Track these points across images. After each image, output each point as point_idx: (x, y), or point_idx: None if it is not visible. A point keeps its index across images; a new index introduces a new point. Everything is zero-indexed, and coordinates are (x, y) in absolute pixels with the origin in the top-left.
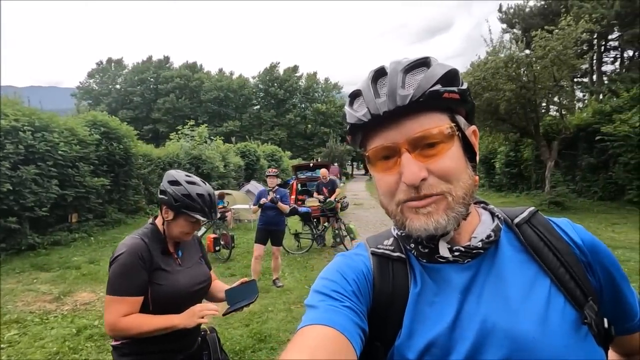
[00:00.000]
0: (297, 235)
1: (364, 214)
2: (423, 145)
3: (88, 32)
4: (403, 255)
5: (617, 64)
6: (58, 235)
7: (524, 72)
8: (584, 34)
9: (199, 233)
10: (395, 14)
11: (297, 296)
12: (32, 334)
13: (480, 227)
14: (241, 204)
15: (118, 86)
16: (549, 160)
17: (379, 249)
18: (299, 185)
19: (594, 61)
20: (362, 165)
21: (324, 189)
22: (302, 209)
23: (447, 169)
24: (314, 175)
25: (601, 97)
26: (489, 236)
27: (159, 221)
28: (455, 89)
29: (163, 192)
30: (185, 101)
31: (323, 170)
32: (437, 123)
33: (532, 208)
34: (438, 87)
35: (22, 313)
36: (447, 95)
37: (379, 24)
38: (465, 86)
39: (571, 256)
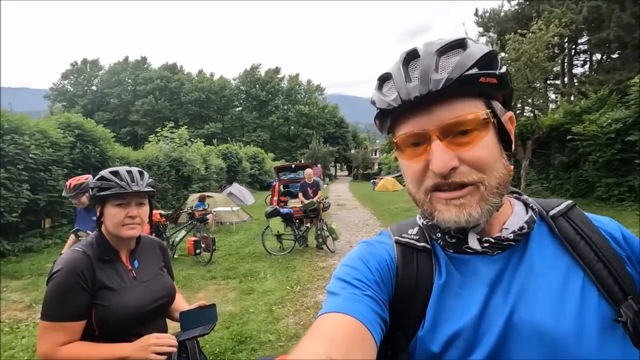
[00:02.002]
0: (279, 237)
1: (347, 214)
2: (455, 133)
3: (61, 31)
4: (428, 246)
5: (587, 66)
6: (30, 241)
7: None
8: (554, 37)
9: (179, 236)
10: (375, 16)
11: (278, 297)
12: (2, 343)
13: (512, 218)
14: (223, 206)
15: (94, 87)
16: (524, 159)
17: (403, 238)
18: (282, 186)
19: (565, 64)
20: (345, 167)
21: (309, 189)
22: (284, 210)
23: (481, 158)
24: (296, 176)
25: (572, 98)
26: (521, 228)
27: (104, 228)
28: (493, 72)
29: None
30: (164, 103)
31: (308, 171)
32: (471, 109)
33: (569, 201)
34: (475, 70)
35: None
36: (484, 80)
37: (360, 26)
38: (504, 70)
39: (610, 251)
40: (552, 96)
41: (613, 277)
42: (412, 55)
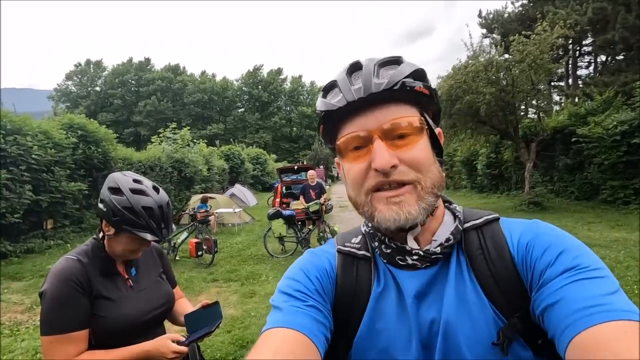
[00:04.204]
0: (281, 239)
1: (349, 216)
2: (394, 136)
3: (65, 32)
4: (368, 254)
5: (592, 68)
6: (32, 242)
7: (503, 75)
8: (559, 39)
9: (181, 238)
10: (377, 17)
11: None
12: (2, 346)
13: (441, 228)
14: (225, 207)
15: (97, 88)
16: (528, 161)
17: (345, 247)
18: (284, 188)
19: (570, 65)
20: None
21: (311, 191)
22: (286, 212)
23: (417, 159)
24: (298, 178)
25: (576, 100)
26: (447, 239)
27: (107, 243)
28: (426, 84)
29: (102, 201)
30: (167, 104)
31: (311, 172)
32: (408, 114)
33: (491, 216)
34: (410, 79)
35: None
36: (418, 89)
37: (361, 27)
38: (433, 86)
39: (506, 267)
40: (556, 98)
41: (502, 294)
42: (355, 67)
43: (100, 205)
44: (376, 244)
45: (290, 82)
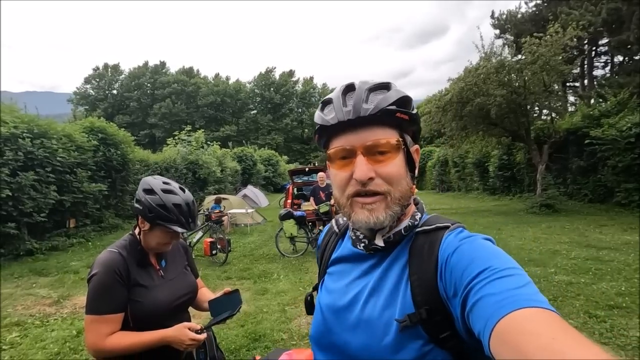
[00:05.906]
0: (292, 239)
1: None
2: (375, 152)
3: (83, 36)
4: (338, 231)
5: (608, 68)
6: (56, 240)
7: (514, 77)
8: (572, 40)
9: (196, 237)
10: (391, 18)
11: (291, 297)
12: (33, 335)
13: (395, 229)
14: (238, 208)
15: (114, 91)
16: (540, 163)
17: (334, 222)
18: (295, 189)
19: (585, 66)
20: None
21: (321, 193)
22: (297, 213)
23: (391, 174)
24: (310, 179)
25: (592, 101)
26: (389, 237)
27: (142, 237)
28: (407, 111)
29: (138, 201)
30: (181, 106)
31: (321, 174)
32: (388, 136)
33: (443, 224)
34: (393, 107)
35: (22, 316)
36: (399, 115)
37: (372, 29)
38: (414, 111)
39: (430, 268)
40: (572, 99)
41: (422, 289)
42: (349, 88)
43: (137, 205)
44: (350, 232)
45: (302, 84)
